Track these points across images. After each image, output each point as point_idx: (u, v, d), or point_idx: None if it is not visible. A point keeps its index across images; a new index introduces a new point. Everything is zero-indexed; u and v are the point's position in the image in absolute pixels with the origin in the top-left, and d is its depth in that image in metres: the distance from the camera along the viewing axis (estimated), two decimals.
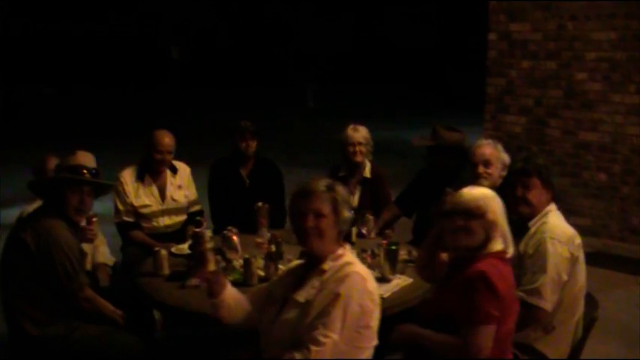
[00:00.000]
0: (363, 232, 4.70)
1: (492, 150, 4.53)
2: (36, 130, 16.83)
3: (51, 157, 4.48)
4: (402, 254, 4.10)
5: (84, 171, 3.76)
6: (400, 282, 3.82)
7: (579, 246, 3.57)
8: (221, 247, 4.12)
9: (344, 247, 2.92)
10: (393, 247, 3.91)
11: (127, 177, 5.09)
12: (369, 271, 2.91)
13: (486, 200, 3.08)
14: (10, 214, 8.19)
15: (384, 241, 4.05)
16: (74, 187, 3.71)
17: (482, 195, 3.11)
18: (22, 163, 11.57)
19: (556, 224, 3.55)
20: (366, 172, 5.39)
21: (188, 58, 30.75)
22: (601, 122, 7.13)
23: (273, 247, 4.06)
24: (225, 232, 4.14)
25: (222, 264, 3.76)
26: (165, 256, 4.01)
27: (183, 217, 5.24)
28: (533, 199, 3.59)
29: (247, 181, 5.42)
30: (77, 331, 3.63)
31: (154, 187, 5.13)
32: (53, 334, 3.60)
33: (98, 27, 31.14)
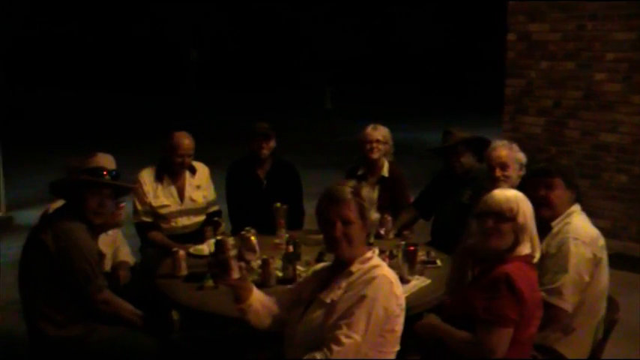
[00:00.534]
0: (381, 232, 4.69)
1: (508, 151, 4.49)
2: (53, 132, 16.95)
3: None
4: (421, 255, 4.09)
5: (104, 173, 3.77)
6: (418, 283, 3.81)
7: (603, 247, 3.55)
8: (239, 247, 4.13)
9: (372, 251, 2.91)
10: (412, 248, 3.90)
11: (146, 177, 5.11)
12: (396, 275, 2.90)
13: (518, 203, 3.07)
14: (26, 216, 8.27)
15: (403, 242, 4.04)
16: (94, 189, 3.71)
17: (515, 197, 3.10)
18: (38, 165, 11.74)
19: (580, 225, 3.53)
20: (384, 171, 5.39)
21: (206, 60, 30.86)
22: (621, 123, 7.08)
23: (290, 248, 4.06)
24: (243, 232, 4.14)
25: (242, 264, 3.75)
26: (183, 256, 4.02)
27: (201, 218, 5.25)
28: (555, 199, 3.57)
29: (264, 182, 5.43)
30: (95, 333, 3.64)
31: (172, 188, 5.14)
32: (71, 336, 3.60)
33: (116, 30, 31.34)
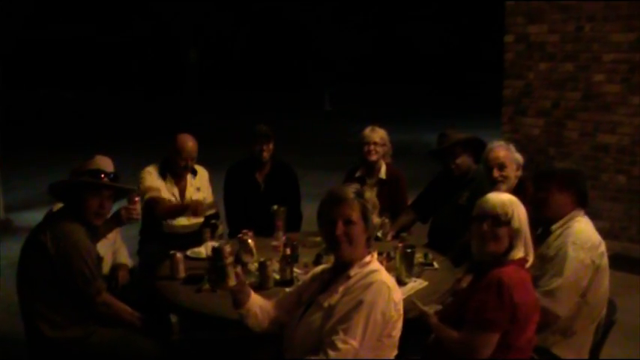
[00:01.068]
0: (379, 235, 4.70)
1: (505, 152, 4.51)
2: (52, 133, 16.97)
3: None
4: (418, 257, 4.10)
5: (102, 175, 3.78)
6: (416, 285, 3.81)
7: (603, 254, 3.53)
8: (237, 250, 4.13)
9: (371, 254, 2.91)
10: (409, 250, 3.90)
11: (152, 171, 5.17)
12: (393, 279, 2.91)
13: (513, 207, 3.07)
14: (25, 218, 8.28)
15: (400, 244, 4.04)
16: (94, 191, 3.73)
17: (510, 201, 3.10)
18: (37, 166, 11.76)
19: (581, 230, 3.51)
20: (382, 173, 5.41)
21: (206, 60, 30.88)
22: (620, 124, 7.08)
23: (288, 250, 4.06)
24: (240, 235, 4.15)
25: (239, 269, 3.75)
26: (181, 259, 4.03)
27: (200, 219, 5.26)
28: (553, 202, 3.57)
29: (263, 186, 5.44)
30: (94, 335, 3.65)
31: (174, 188, 5.19)
32: (70, 337, 3.61)
33: (117, 31, 31.37)
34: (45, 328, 3.60)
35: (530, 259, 3.11)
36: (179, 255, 4.04)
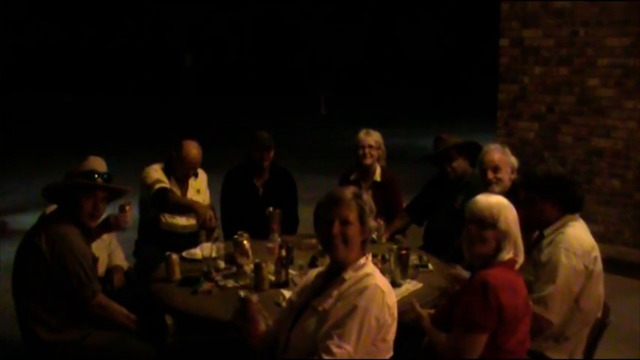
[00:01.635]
0: (374, 237, 4.70)
1: (501, 155, 4.53)
2: (48, 136, 16.93)
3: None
4: (413, 259, 4.11)
5: (96, 176, 3.78)
6: (410, 287, 3.83)
7: (596, 259, 3.54)
8: (232, 251, 4.14)
9: (366, 257, 2.91)
10: (404, 252, 3.92)
11: (158, 168, 5.16)
12: (388, 282, 2.91)
13: (500, 209, 3.06)
14: (20, 220, 8.27)
15: (395, 246, 4.05)
16: (88, 192, 3.73)
17: (497, 203, 3.09)
18: (32, 169, 11.73)
19: (574, 235, 3.51)
20: (377, 176, 5.42)
21: (202, 65, 30.87)
22: (614, 128, 7.10)
23: (284, 252, 4.06)
24: (236, 236, 4.16)
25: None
26: (176, 261, 4.03)
27: None
28: (538, 210, 3.59)
29: (261, 191, 5.44)
30: (90, 337, 3.65)
31: (176, 189, 5.17)
32: (66, 340, 3.62)
33: (113, 35, 31.35)
34: (41, 331, 3.60)
35: (520, 260, 3.09)
36: (175, 257, 4.04)
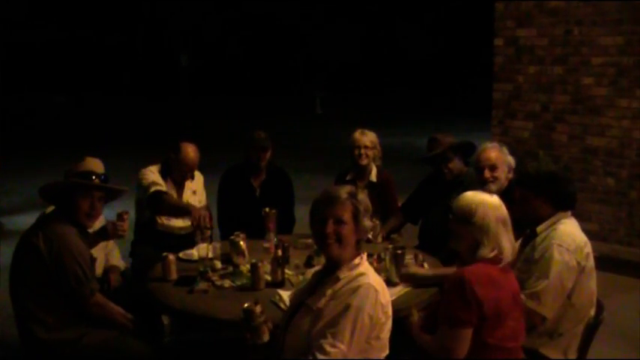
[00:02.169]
0: (370, 236, 4.71)
1: (497, 153, 4.53)
2: (44, 137, 16.92)
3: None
4: (408, 259, 4.12)
5: (93, 177, 3.80)
6: (405, 286, 3.84)
7: (588, 255, 3.55)
8: (229, 252, 4.16)
9: (360, 257, 2.92)
10: (399, 252, 3.93)
11: (154, 170, 5.15)
12: (382, 281, 2.92)
13: (478, 205, 3.06)
14: (17, 221, 8.27)
15: (391, 246, 4.07)
16: (85, 192, 3.75)
17: (478, 200, 3.10)
18: (29, 170, 11.72)
19: (566, 232, 3.52)
20: (373, 176, 5.43)
21: (197, 65, 30.84)
22: (608, 127, 7.12)
23: (280, 252, 4.08)
24: (232, 236, 4.18)
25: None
26: (173, 261, 4.04)
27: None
28: (531, 207, 3.60)
29: (258, 191, 5.44)
30: (87, 336, 3.66)
31: (173, 191, 5.18)
32: (63, 339, 3.63)
33: (108, 35, 31.31)
34: (38, 330, 3.62)
35: (507, 258, 3.08)
36: (171, 257, 4.05)
